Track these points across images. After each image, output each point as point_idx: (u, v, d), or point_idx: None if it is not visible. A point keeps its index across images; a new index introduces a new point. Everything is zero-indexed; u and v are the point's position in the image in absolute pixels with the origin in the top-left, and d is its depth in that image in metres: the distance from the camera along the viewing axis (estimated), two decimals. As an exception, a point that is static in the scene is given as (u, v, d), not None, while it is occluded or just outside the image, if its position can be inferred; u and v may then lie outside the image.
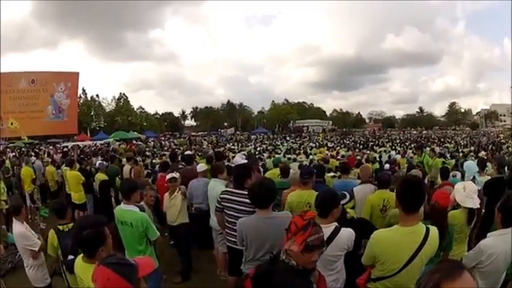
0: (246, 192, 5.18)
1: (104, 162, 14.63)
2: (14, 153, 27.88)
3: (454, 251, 5.11)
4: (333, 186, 8.79)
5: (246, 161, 9.66)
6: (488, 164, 13.14)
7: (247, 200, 4.98)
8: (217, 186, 7.08)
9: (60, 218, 5.98)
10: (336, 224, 4.12)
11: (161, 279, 6.19)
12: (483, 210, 6.08)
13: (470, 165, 9.23)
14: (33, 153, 25.34)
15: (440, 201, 4.86)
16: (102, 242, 3.36)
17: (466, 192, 5.23)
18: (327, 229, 3.96)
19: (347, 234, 4.13)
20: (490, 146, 36.16)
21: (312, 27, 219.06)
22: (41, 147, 39.71)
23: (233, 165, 9.29)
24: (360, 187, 7.60)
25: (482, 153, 21.64)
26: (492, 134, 78.54)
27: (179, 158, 14.36)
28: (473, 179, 7.96)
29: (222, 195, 5.82)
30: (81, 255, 3.55)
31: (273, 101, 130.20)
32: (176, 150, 28.78)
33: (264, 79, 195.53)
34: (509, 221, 4.01)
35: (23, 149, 34.57)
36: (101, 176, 12.17)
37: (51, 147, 40.78)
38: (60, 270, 7.04)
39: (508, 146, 35.75)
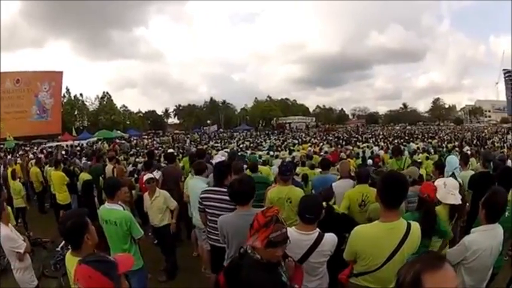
0: (226, 190, 5.19)
1: (88, 162, 14.72)
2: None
3: (436, 248, 5.00)
4: (313, 181, 9.06)
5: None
6: (472, 159, 13.28)
7: (228, 197, 5.01)
8: (198, 184, 7.10)
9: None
10: (318, 230, 4.09)
11: (146, 278, 6.20)
12: (467, 204, 6.18)
13: (452, 160, 9.22)
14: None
15: (431, 193, 4.86)
16: (85, 230, 3.45)
17: (447, 189, 5.23)
18: (310, 236, 4.00)
19: (330, 239, 4.10)
20: (475, 141, 36.39)
21: (296, 24, 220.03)
22: (26, 148, 39.41)
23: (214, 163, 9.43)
24: (339, 182, 7.66)
25: (466, 148, 21.68)
26: (478, 129, 78.68)
27: (161, 157, 14.37)
28: (453, 175, 8.00)
29: (202, 195, 5.86)
30: (70, 250, 3.61)
31: (256, 98, 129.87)
32: (153, 149, 29.56)
33: (247, 76, 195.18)
34: (494, 216, 4.07)
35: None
36: (84, 176, 12.23)
37: (35, 147, 40.51)
38: (48, 273, 7.17)
39: (492, 142, 35.94)
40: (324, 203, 5.14)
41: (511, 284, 5.17)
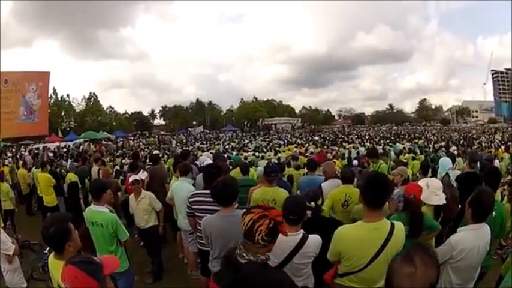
0: None
1: (75, 163, 14.91)
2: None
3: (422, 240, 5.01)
4: (299, 182, 9.09)
5: (211, 161, 9.78)
6: (459, 159, 13.31)
7: None
8: (184, 186, 7.15)
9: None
10: (302, 231, 4.08)
11: (133, 280, 6.24)
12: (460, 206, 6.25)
13: (445, 161, 9.19)
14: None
15: (417, 194, 4.85)
16: (68, 238, 3.48)
17: (430, 190, 5.28)
18: (294, 237, 3.96)
19: (314, 240, 4.07)
20: (462, 142, 36.32)
21: (283, 25, 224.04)
22: (13, 150, 39.28)
23: (199, 164, 9.51)
24: (328, 182, 7.60)
25: (453, 149, 21.68)
26: (465, 129, 78.87)
27: (146, 158, 14.36)
28: (447, 175, 8.03)
29: (191, 199, 5.79)
30: (53, 252, 3.67)
31: (241, 99, 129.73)
32: (139, 150, 29.90)
33: (233, 77, 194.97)
34: (480, 216, 4.08)
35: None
36: (71, 176, 12.19)
37: (23, 148, 40.49)
38: (36, 276, 7.16)
39: (479, 142, 35.80)
40: (312, 203, 5.28)
41: (500, 283, 5.21)
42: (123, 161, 20.95)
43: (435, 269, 1.98)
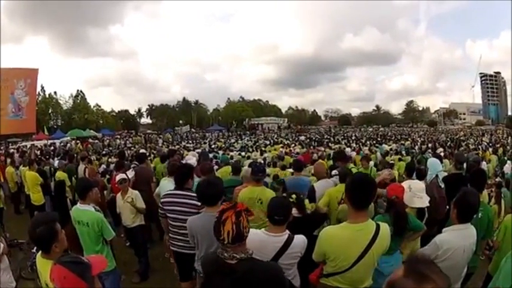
0: (187, 193, 5.28)
1: (63, 161, 14.63)
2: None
3: (407, 249, 5.11)
4: (285, 183, 8.99)
5: (196, 160, 9.81)
6: (446, 160, 13.32)
7: (189, 201, 5.06)
8: (168, 186, 7.02)
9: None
10: (288, 232, 4.03)
11: (120, 279, 6.21)
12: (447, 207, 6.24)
13: (434, 162, 9.10)
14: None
15: (399, 194, 4.92)
16: (55, 238, 3.49)
17: (413, 192, 5.26)
18: (280, 238, 3.95)
19: (300, 241, 4.04)
20: (449, 143, 36.25)
21: (271, 25, 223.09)
22: (1, 147, 38.97)
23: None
24: (321, 182, 7.66)
25: (440, 150, 21.63)
26: (452, 131, 79.20)
27: (131, 157, 14.37)
28: (436, 177, 8.04)
29: (163, 199, 5.73)
30: (40, 252, 3.66)
31: (228, 99, 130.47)
32: (125, 149, 30.16)
33: (220, 77, 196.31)
34: (465, 216, 4.12)
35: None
36: (60, 175, 12.20)
37: (11, 145, 40.36)
38: (25, 275, 7.17)
39: (467, 143, 35.96)
40: (294, 195, 5.43)
41: (488, 283, 5.25)
42: (110, 159, 20.94)
43: (442, 272, 1.91)
